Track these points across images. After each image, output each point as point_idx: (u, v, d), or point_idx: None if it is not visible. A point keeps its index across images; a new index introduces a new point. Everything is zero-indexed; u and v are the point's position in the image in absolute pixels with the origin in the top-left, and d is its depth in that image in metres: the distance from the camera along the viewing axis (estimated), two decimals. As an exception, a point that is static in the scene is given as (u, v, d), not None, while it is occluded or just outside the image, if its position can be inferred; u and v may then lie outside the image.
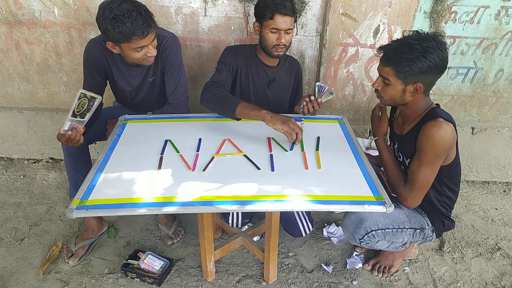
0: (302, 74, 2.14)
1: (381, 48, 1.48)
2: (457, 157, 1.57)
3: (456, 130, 1.47)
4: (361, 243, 1.66)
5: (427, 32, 1.43)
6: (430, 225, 1.67)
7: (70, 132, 1.58)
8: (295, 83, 2.09)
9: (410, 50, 1.38)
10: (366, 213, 1.60)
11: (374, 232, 1.60)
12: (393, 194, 1.63)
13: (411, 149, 1.56)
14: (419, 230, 1.65)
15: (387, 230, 1.61)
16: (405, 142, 1.61)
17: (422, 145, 1.47)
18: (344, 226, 1.70)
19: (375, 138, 1.71)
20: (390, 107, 1.76)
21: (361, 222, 1.60)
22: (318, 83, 1.81)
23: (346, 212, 1.68)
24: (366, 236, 1.61)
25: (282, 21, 1.72)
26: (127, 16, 1.52)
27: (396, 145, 1.71)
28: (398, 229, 1.62)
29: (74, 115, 1.59)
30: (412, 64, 1.38)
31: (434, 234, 1.69)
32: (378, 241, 1.64)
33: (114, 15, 1.51)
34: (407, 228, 1.63)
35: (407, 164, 1.62)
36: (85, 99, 1.59)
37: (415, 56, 1.37)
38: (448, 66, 2.47)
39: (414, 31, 1.44)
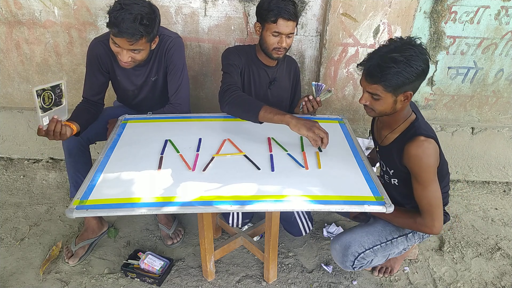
0: (300, 73, 2.13)
1: (362, 65, 1.43)
2: (441, 158, 1.53)
3: (437, 140, 1.45)
4: (355, 268, 1.63)
5: (400, 38, 1.39)
6: None
7: (45, 126, 1.49)
8: (294, 82, 2.09)
9: (395, 64, 1.34)
10: (349, 238, 1.59)
11: (362, 254, 1.57)
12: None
13: (393, 161, 1.54)
14: (411, 234, 1.63)
15: (375, 247, 1.58)
16: (387, 154, 1.58)
17: (413, 169, 1.44)
18: (333, 256, 1.67)
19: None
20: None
21: (346, 249, 1.58)
22: (314, 82, 1.80)
23: (331, 241, 1.67)
24: (356, 260, 1.58)
25: (284, 25, 1.72)
26: (123, 12, 1.50)
27: (378, 154, 1.68)
28: (387, 242, 1.60)
29: (44, 109, 1.46)
30: (399, 77, 1.35)
31: None
32: (371, 260, 1.62)
33: (121, 2, 1.53)
34: (397, 237, 1.61)
35: (390, 174, 1.59)
36: (47, 92, 1.46)
37: (402, 69, 1.34)
38: (448, 66, 2.46)
39: (387, 40, 1.40)
